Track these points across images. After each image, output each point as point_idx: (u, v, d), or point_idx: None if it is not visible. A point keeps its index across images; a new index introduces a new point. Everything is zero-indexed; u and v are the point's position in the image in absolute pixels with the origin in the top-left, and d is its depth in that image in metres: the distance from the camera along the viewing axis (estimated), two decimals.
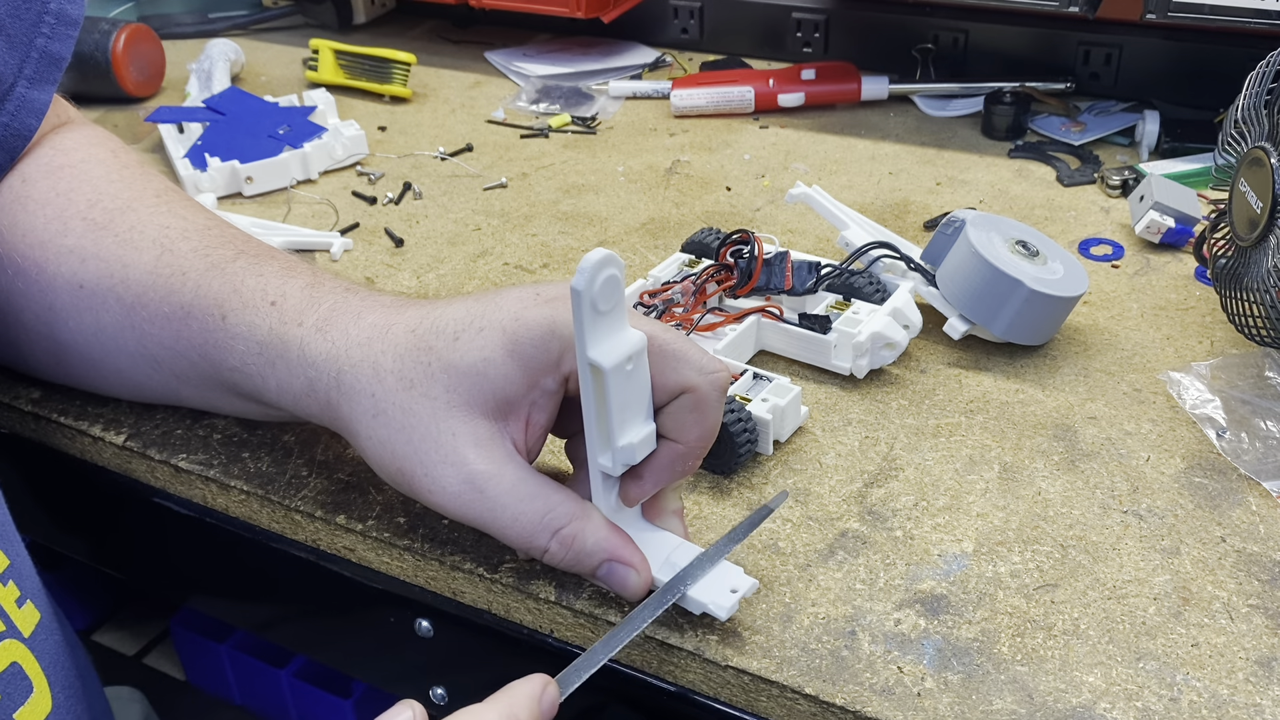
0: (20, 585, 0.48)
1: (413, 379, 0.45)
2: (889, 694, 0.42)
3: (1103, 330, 0.63)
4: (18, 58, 0.53)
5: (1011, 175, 0.80)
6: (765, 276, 0.61)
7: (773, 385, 0.55)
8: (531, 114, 0.94)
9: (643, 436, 0.44)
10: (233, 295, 0.50)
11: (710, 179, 0.82)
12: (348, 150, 0.85)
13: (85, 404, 0.59)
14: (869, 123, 0.89)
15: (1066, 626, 0.45)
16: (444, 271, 0.71)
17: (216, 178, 0.81)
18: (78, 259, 0.54)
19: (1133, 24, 0.84)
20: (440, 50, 1.08)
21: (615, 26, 1.01)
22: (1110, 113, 0.87)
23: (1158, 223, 0.69)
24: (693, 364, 0.44)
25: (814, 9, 0.97)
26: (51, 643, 0.49)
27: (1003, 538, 0.49)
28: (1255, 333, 0.57)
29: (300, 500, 0.53)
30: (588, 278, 0.39)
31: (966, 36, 0.92)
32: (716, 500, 0.52)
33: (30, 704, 0.46)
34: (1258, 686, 0.42)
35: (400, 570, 0.52)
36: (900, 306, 0.59)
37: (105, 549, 0.69)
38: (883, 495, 0.52)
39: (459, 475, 0.44)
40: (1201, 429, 0.55)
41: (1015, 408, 0.57)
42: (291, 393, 0.48)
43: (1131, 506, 0.51)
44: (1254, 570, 0.47)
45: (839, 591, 0.47)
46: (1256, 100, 0.58)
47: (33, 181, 0.56)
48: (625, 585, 0.45)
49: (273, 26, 1.14)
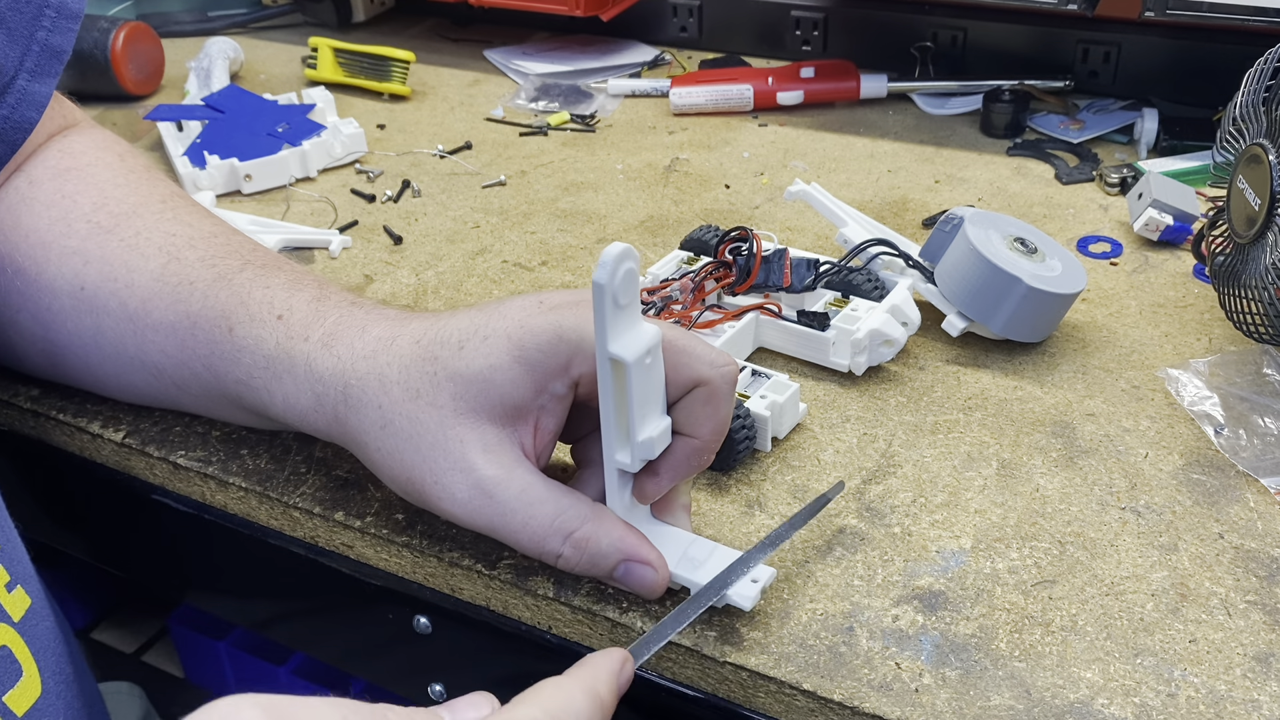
0: (10, 570, 0.48)
1: (419, 388, 0.45)
2: (887, 690, 0.42)
3: (1101, 327, 0.63)
4: (19, 50, 0.53)
5: (1010, 173, 0.80)
6: (764, 274, 0.61)
7: (771, 382, 0.55)
8: (530, 112, 0.94)
9: (661, 430, 0.44)
10: (239, 307, 0.50)
11: (709, 177, 0.82)
12: (347, 148, 0.85)
13: (84, 401, 0.59)
14: (868, 121, 0.89)
15: (1064, 623, 0.45)
16: (443, 269, 0.71)
17: (215, 175, 0.81)
18: (80, 261, 0.54)
19: (1131, 22, 0.84)
20: (439, 48, 1.08)
21: (614, 25, 1.01)
22: (1109, 110, 0.87)
23: (1156, 220, 0.69)
24: (703, 358, 0.44)
25: (813, 7, 0.97)
26: (42, 629, 0.49)
27: (1001, 534, 0.49)
28: (1253, 330, 0.57)
29: (299, 497, 0.53)
30: (609, 271, 0.39)
31: (965, 34, 0.92)
32: (715, 497, 0.52)
33: (19, 688, 0.46)
34: (1255, 682, 0.42)
35: (399, 567, 0.52)
36: (899, 304, 0.59)
37: (104, 546, 0.69)
38: (881, 492, 0.52)
39: (468, 481, 0.44)
40: (1200, 426, 0.55)
41: (1014, 405, 0.57)
42: (298, 408, 0.48)
43: (1130, 503, 0.51)
44: (1251, 566, 0.47)
45: (837, 588, 0.47)
46: (1254, 97, 0.58)
47: (39, 183, 0.56)
48: (644, 584, 0.45)
49: (272, 24, 1.14)
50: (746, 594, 0.44)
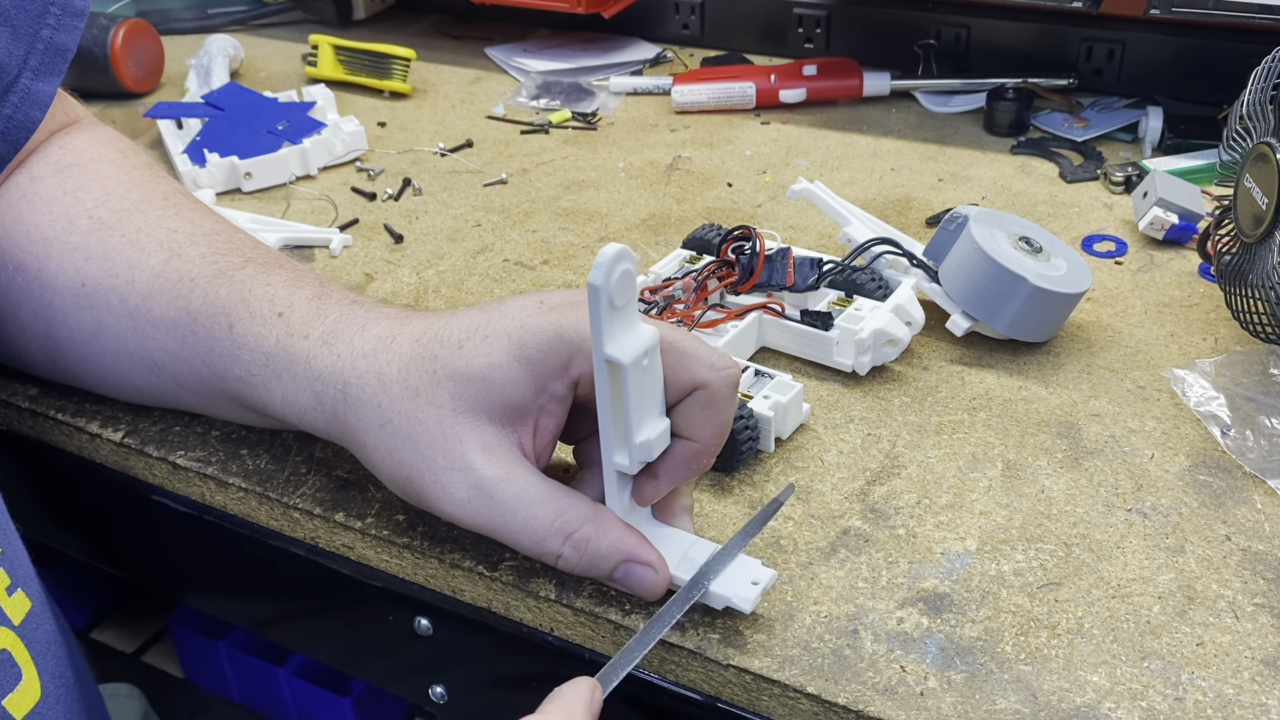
0: (11, 574, 0.47)
1: (418, 387, 0.44)
2: (892, 693, 0.42)
3: (1106, 327, 0.62)
4: (23, 48, 0.52)
5: (1014, 171, 0.80)
6: (767, 273, 0.60)
7: (774, 382, 0.55)
8: (532, 110, 0.94)
9: (659, 432, 0.43)
10: (240, 304, 0.50)
11: (711, 175, 0.81)
12: (347, 146, 0.85)
13: (83, 401, 0.59)
14: (871, 119, 0.89)
15: (1070, 625, 0.44)
16: (443, 268, 0.71)
17: (215, 173, 0.80)
18: (82, 256, 0.53)
19: (1136, 19, 0.84)
20: (440, 46, 1.07)
21: (616, 22, 1.01)
22: (1113, 109, 0.86)
23: (1161, 219, 0.69)
24: (703, 361, 0.43)
25: (815, 4, 0.96)
26: (42, 632, 0.49)
27: (1006, 536, 0.49)
28: (1260, 330, 0.57)
29: (299, 498, 0.53)
30: (605, 272, 0.38)
31: (969, 32, 0.91)
32: (718, 498, 0.52)
33: (18, 692, 0.45)
34: (1263, 686, 0.42)
35: (399, 568, 0.51)
36: (902, 303, 0.59)
37: (103, 546, 0.69)
38: (885, 493, 0.51)
39: (467, 481, 0.43)
40: (1206, 426, 0.54)
41: (1018, 405, 0.57)
42: (298, 406, 0.48)
43: (1135, 505, 0.50)
44: (1259, 569, 0.47)
45: (841, 590, 0.46)
46: (1261, 96, 0.58)
47: (40, 179, 0.56)
48: (644, 585, 0.44)
49: (272, 22, 1.13)
50: (746, 596, 0.44)
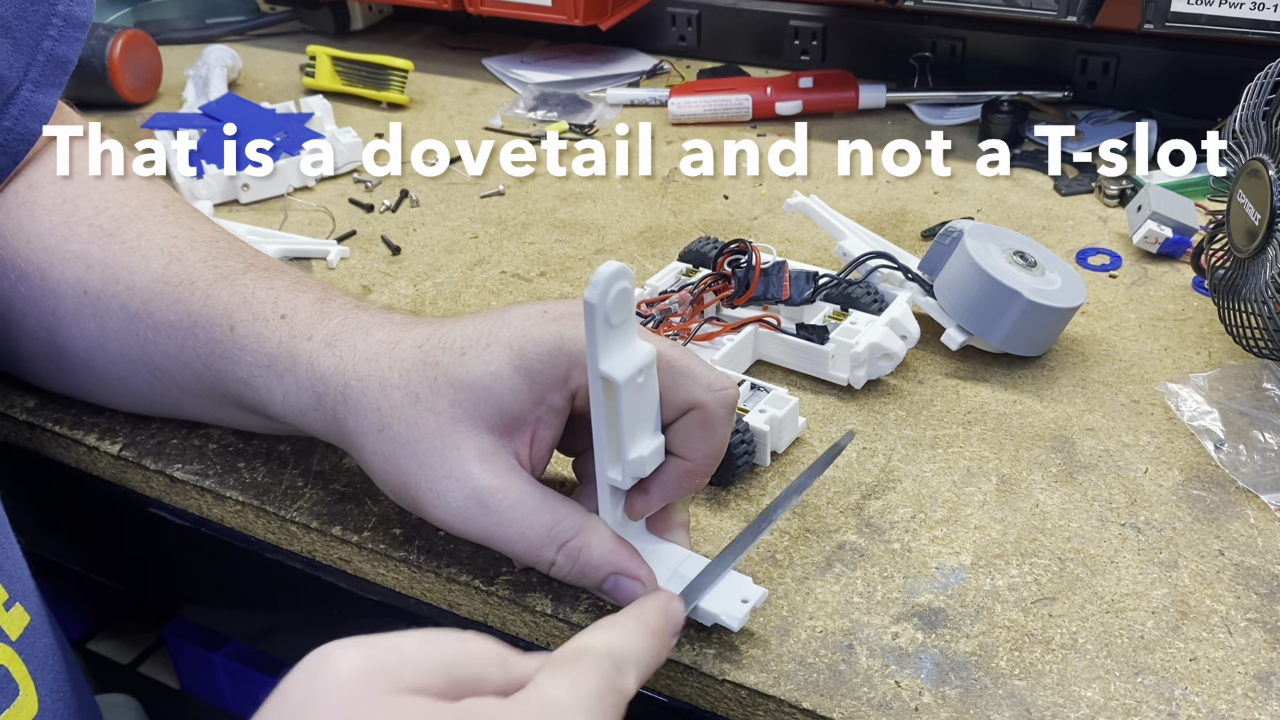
0: (9, 588, 0.47)
1: (418, 393, 0.44)
2: (887, 709, 0.42)
3: (1100, 341, 0.63)
4: (24, 60, 0.52)
5: (1009, 184, 0.80)
6: (763, 286, 0.61)
7: (770, 396, 0.55)
8: (529, 121, 0.94)
9: (652, 449, 0.43)
10: (242, 306, 0.50)
11: (708, 187, 0.82)
12: (345, 157, 0.85)
13: (80, 413, 0.59)
14: (866, 131, 0.89)
15: (1065, 640, 0.45)
16: (441, 280, 0.71)
17: (213, 184, 0.80)
18: (83, 264, 0.54)
19: (1130, 33, 0.84)
20: (438, 57, 1.08)
21: (613, 34, 1.01)
22: (1108, 122, 0.87)
23: (1155, 233, 0.69)
24: (700, 381, 0.43)
25: (812, 17, 0.97)
26: (40, 647, 0.48)
27: (1000, 550, 0.49)
28: (1253, 344, 0.57)
29: (296, 511, 0.53)
30: (601, 290, 0.38)
31: (964, 45, 0.92)
32: (714, 512, 0.52)
33: (16, 706, 0.45)
34: (1256, 701, 0.42)
35: (396, 582, 0.51)
36: (898, 317, 0.59)
37: (100, 558, 0.69)
38: (880, 507, 0.52)
39: (463, 490, 0.44)
40: (1199, 441, 0.54)
41: (1013, 419, 0.57)
42: (298, 407, 0.48)
43: (1129, 519, 0.50)
44: (1252, 584, 0.47)
45: (836, 605, 0.47)
46: (1254, 112, 0.58)
47: (39, 187, 0.56)
48: (631, 599, 0.45)
49: (270, 32, 1.14)
50: (735, 614, 0.44)
